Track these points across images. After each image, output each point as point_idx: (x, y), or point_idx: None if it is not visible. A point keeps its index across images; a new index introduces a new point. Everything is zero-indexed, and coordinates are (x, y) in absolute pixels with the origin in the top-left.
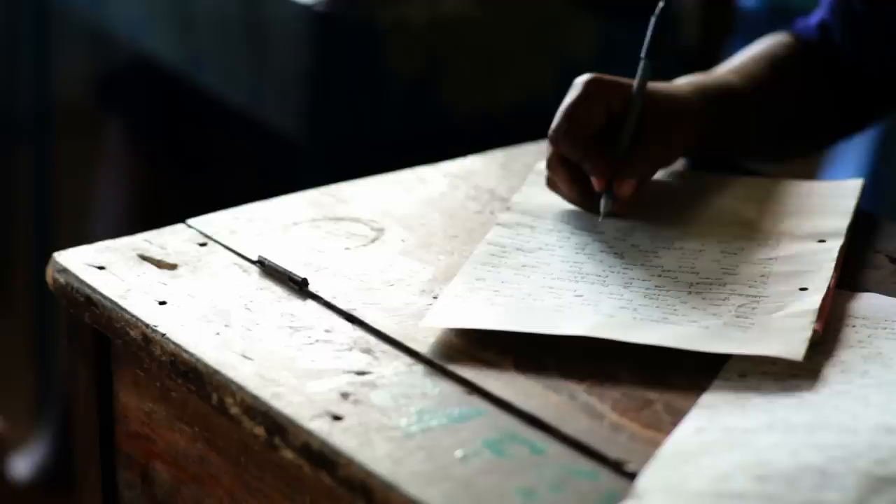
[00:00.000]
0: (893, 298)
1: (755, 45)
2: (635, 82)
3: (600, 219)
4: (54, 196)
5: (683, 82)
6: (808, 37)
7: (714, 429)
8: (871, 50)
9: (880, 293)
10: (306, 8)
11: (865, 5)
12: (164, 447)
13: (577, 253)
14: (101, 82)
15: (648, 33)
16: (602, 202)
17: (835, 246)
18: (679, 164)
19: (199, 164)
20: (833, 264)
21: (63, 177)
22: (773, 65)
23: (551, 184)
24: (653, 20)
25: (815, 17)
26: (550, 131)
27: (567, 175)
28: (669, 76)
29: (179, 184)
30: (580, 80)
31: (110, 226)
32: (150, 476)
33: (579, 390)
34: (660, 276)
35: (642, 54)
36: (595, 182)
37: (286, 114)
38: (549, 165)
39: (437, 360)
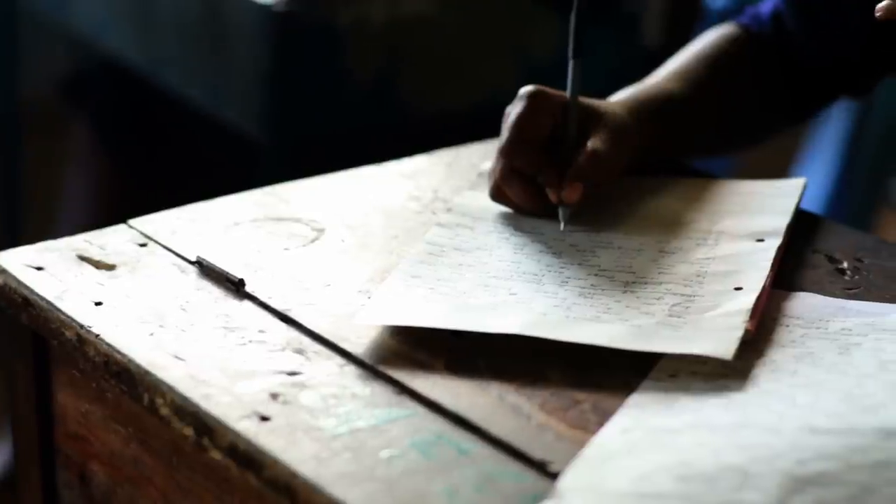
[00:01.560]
0: (829, 298)
1: (700, 41)
2: (568, 84)
3: (562, 227)
4: (22, 196)
5: (619, 99)
6: (758, 27)
7: (639, 429)
8: (823, 35)
9: (817, 293)
10: (265, 8)
11: None
12: (101, 448)
13: (515, 252)
14: (67, 82)
15: (571, 32)
16: (560, 212)
17: (773, 245)
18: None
19: (164, 163)
20: (769, 264)
21: (30, 176)
22: (717, 63)
23: (499, 194)
24: (572, 18)
25: (767, 5)
26: (502, 144)
27: (522, 187)
28: (634, 77)
29: (146, 183)
30: (524, 93)
31: (78, 225)
32: (87, 476)
33: (509, 390)
34: (596, 275)
35: (570, 55)
36: (551, 194)
37: (246, 113)
38: (503, 178)
39: (368, 361)
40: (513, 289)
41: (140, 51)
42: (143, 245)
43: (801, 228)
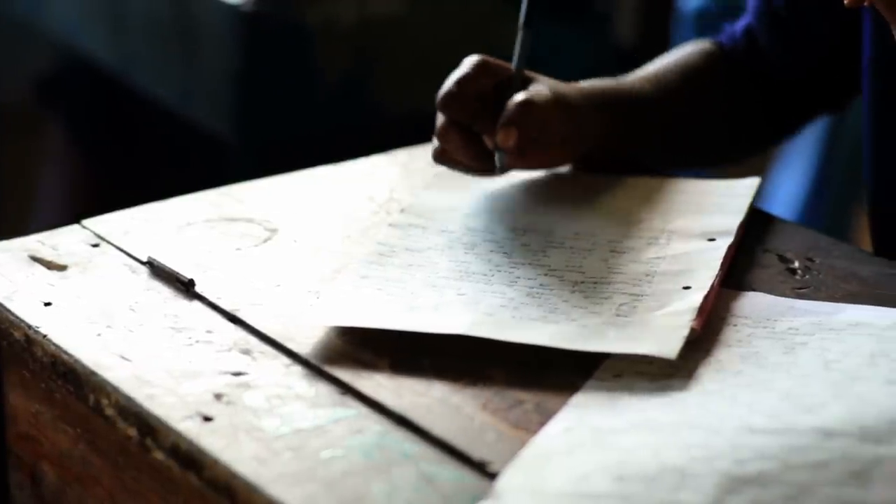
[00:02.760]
0: (778, 298)
1: (674, 53)
2: (515, 53)
3: (496, 171)
4: None
5: (579, 85)
6: (732, 44)
7: (581, 428)
8: (795, 50)
9: (767, 292)
10: (233, 8)
11: (787, 7)
12: (51, 448)
13: (465, 253)
14: (41, 83)
15: (524, 1)
16: (497, 157)
17: (723, 244)
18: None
19: (138, 163)
20: (719, 263)
21: (5, 176)
22: (687, 74)
23: (441, 155)
24: None
25: (741, 22)
26: (439, 97)
27: (459, 136)
28: (607, 77)
29: (120, 183)
30: (469, 59)
31: (52, 225)
32: (38, 477)
33: (452, 390)
34: (546, 275)
35: (520, 24)
36: (487, 140)
37: (215, 113)
38: (440, 134)
39: (314, 361)
40: (461, 289)
41: (112, 51)
42: (95, 245)
43: (754, 228)
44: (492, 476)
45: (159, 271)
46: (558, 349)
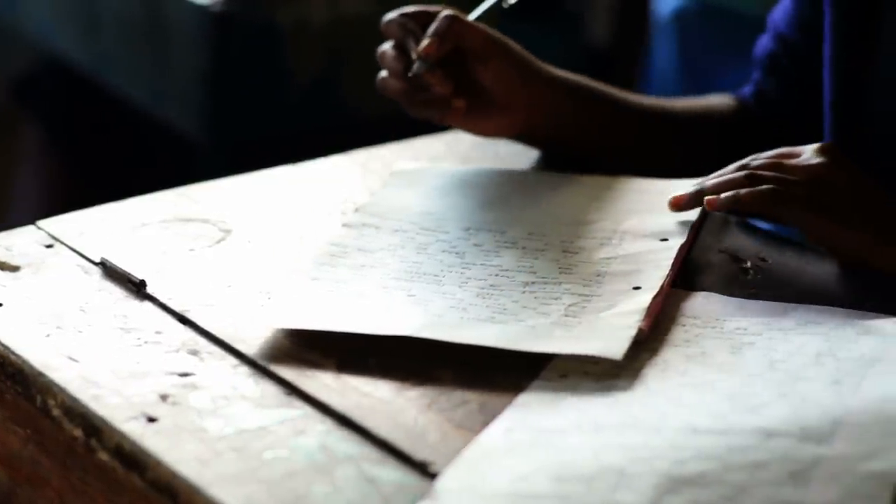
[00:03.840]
0: (728, 298)
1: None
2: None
3: (410, 73)
4: None
5: (574, 76)
6: (746, 100)
7: (523, 429)
8: (802, 105)
9: (718, 293)
10: (203, 9)
11: (792, 62)
12: (1, 449)
13: (418, 253)
14: (17, 83)
15: None
16: (416, 64)
17: (675, 245)
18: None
19: (114, 163)
20: (670, 263)
21: None
22: (693, 108)
23: (381, 82)
24: None
25: (751, 81)
26: (383, 21)
27: (393, 54)
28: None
29: (96, 183)
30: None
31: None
32: None
33: (398, 391)
34: (497, 275)
35: None
36: (412, 51)
37: (187, 113)
38: (380, 56)
39: (261, 362)
40: (412, 290)
41: (86, 52)
42: (49, 246)
43: (708, 228)
44: (433, 476)
45: (111, 272)
46: (506, 350)
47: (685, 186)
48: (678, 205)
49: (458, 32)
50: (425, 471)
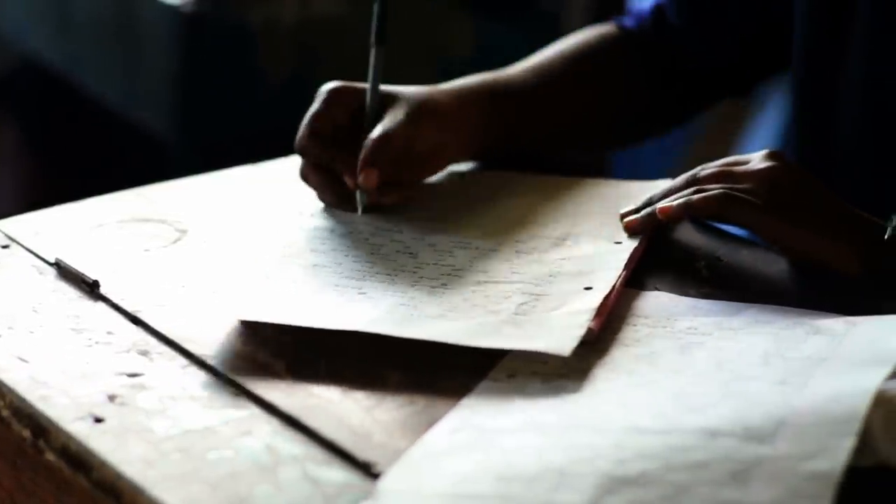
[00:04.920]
0: (680, 297)
1: (567, 38)
2: (369, 72)
3: (359, 212)
4: None
5: (448, 85)
6: (638, 24)
7: (468, 429)
8: (706, 32)
9: (672, 292)
10: (173, 9)
11: None
12: None
13: (371, 253)
14: None
15: (374, 18)
16: (357, 196)
17: (629, 247)
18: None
19: (86, 162)
20: (623, 264)
21: None
22: (578, 60)
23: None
24: (376, 6)
25: (650, 1)
26: (296, 142)
27: (320, 180)
28: None
29: (72, 183)
30: (322, 89)
31: None
32: None
33: (346, 392)
34: (449, 274)
35: (371, 41)
36: (347, 180)
37: (158, 113)
38: (302, 175)
39: (211, 362)
40: (363, 288)
41: (60, 52)
42: (5, 247)
43: (664, 228)
44: (377, 477)
45: (66, 272)
46: (454, 349)
47: (644, 187)
48: (633, 229)
49: (395, 150)
50: (369, 471)
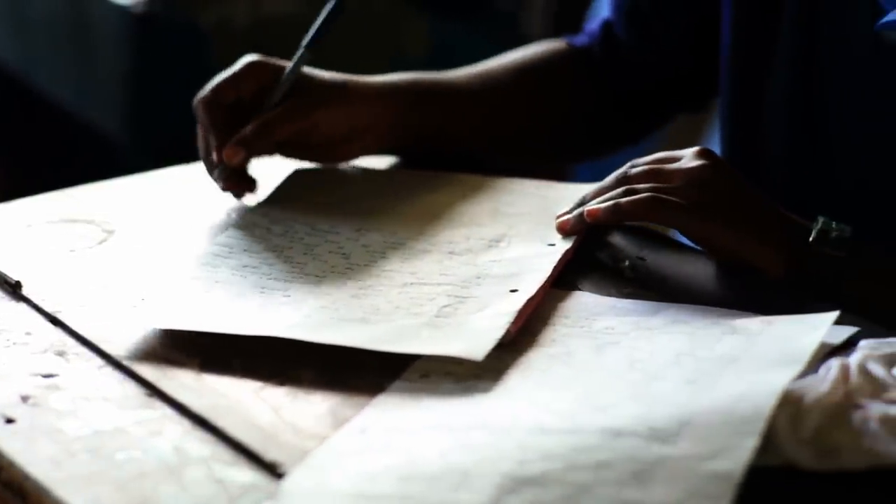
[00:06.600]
0: (602, 297)
1: (516, 51)
2: (290, 65)
3: (220, 189)
4: None
5: (382, 79)
6: (589, 41)
7: (376, 429)
8: (655, 47)
9: (595, 292)
10: (124, 9)
11: (649, 1)
12: None
13: (304, 254)
14: None
15: (317, 23)
16: (217, 170)
17: (561, 249)
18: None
19: (41, 162)
20: (552, 267)
21: None
22: (524, 72)
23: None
24: (324, 13)
25: (599, 18)
26: (195, 99)
27: (202, 144)
28: None
29: (24, 182)
30: (242, 59)
31: None
32: None
33: (257, 392)
34: (377, 276)
35: (303, 42)
36: (214, 153)
37: (110, 113)
38: (198, 133)
39: (125, 362)
40: (288, 291)
41: (13, 51)
42: None
43: (596, 231)
44: (282, 477)
45: None
46: (371, 350)
47: (580, 188)
48: (564, 229)
49: (269, 144)
50: (275, 472)
